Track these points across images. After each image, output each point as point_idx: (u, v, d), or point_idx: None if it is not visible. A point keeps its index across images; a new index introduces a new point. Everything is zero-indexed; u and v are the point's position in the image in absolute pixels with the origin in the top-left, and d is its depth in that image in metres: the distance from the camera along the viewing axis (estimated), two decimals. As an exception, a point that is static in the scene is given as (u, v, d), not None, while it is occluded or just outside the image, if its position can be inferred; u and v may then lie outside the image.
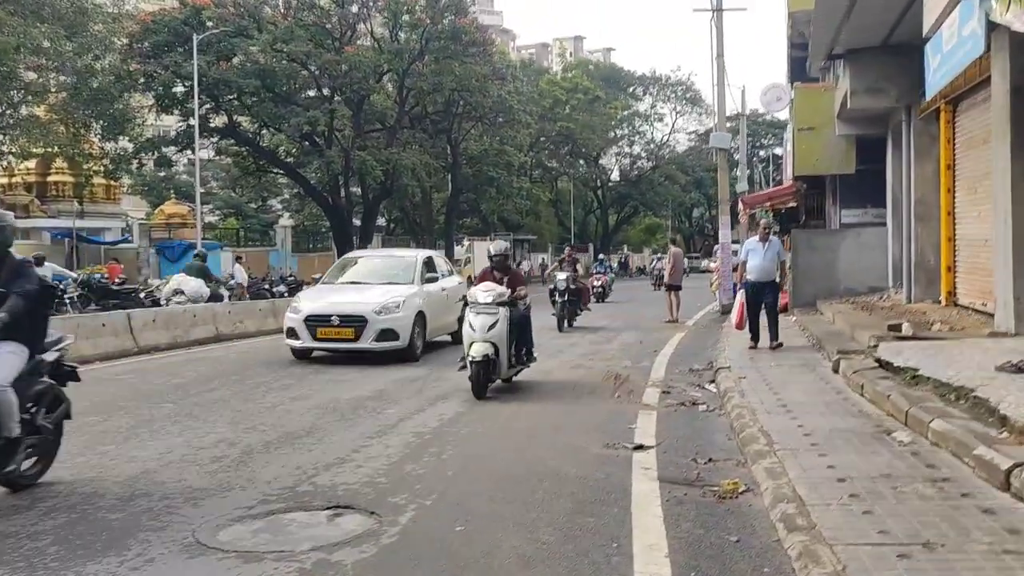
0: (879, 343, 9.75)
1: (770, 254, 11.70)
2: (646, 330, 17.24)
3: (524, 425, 7.83)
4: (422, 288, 13.28)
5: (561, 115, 56.60)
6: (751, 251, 11.88)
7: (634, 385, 10.02)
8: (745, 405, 7.78)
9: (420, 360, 12.40)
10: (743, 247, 12.68)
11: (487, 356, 9.08)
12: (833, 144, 18.59)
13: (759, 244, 11.82)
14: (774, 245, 11.85)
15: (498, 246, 10.52)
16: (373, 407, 8.72)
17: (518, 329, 9.69)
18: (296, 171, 36.23)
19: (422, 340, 12.81)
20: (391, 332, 12.18)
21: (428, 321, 13.05)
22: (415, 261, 13.94)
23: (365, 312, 12.12)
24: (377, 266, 14.45)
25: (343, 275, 14.28)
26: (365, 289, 13.11)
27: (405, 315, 12.42)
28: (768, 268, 11.69)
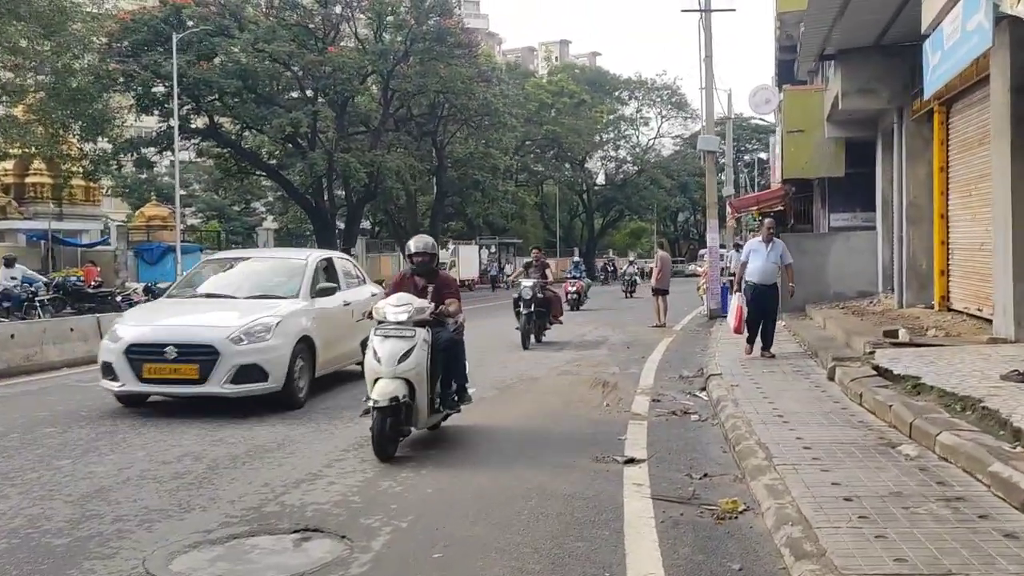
0: (875, 350, 9.46)
1: (773, 256, 11.16)
2: (632, 336, 16.88)
3: (510, 436, 7.45)
4: (312, 303, 9.53)
5: (547, 118, 56.35)
6: (753, 252, 11.32)
7: (623, 393, 9.66)
8: (740, 415, 7.43)
9: (305, 406, 8.82)
10: (744, 248, 12.09)
11: (397, 400, 6.39)
12: (822, 147, 18.35)
13: (762, 245, 11.29)
14: (778, 247, 11.27)
15: (420, 242, 7.42)
16: (351, 416, 8.29)
17: (445, 358, 7.07)
18: (279, 173, 35.76)
19: (308, 377, 9.14)
20: (255, 369, 8.39)
21: (320, 349, 9.34)
22: (305, 265, 10.01)
23: (215, 340, 8.31)
24: (250, 273, 10.50)
25: (200, 285, 10.22)
26: (225, 306, 9.32)
27: (279, 343, 8.59)
28: (771, 271, 11.17)
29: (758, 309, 11.15)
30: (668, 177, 68.42)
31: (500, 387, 10.18)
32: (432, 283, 7.32)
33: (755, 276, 11.11)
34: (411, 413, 6.66)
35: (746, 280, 11.24)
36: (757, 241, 11.58)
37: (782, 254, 11.24)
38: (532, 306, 14.63)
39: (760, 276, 11.10)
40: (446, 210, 52.19)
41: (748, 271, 11.22)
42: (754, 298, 11.11)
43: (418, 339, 6.66)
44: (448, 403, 7.29)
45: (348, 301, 10.34)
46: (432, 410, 6.98)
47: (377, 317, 6.86)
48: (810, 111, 18.30)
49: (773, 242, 11.27)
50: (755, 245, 11.47)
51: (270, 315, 8.83)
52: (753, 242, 11.76)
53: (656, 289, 19.35)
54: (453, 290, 7.44)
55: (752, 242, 11.87)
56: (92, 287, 24.00)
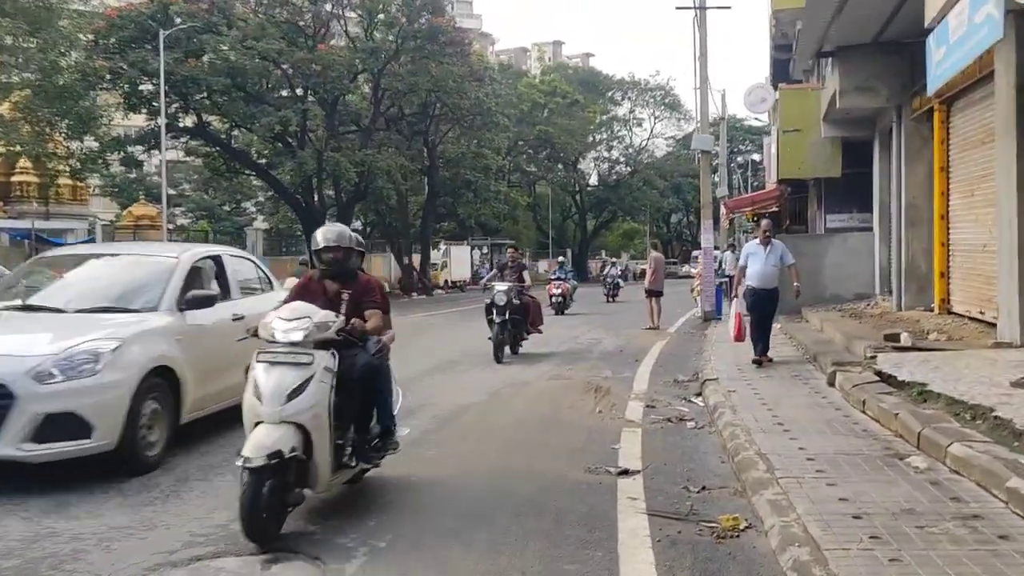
0: (877, 354, 9.16)
1: (772, 258, 10.65)
2: (625, 339, 16.58)
3: (497, 445, 7.12)
4: (181, 318, 6.87)
5: (539, 119, 56.10)
6: (751, 255, 10.79)
7: (616, 398, 9.35)
8: (738, 423, 7.12)
9: (161, 466, 6.24)
10: (743, 251, 11.48)
11: (281, 455, 4.54)
12: (819, 147, 18.08)
13: (760, 248, 10.77)
14: (776, 248, 10.75)
15: (330, 233, 5.54)
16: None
17: (363, 391, 5.25)
18: (268, 172, 35.34)
19: (167, 425, 6.47)
20: (71, 419, 5.72)
21: (190, 383, 6.72)
22: (174, 266, 7.31)
23: (8, 376, 5.66)
24: (96, 276, 7.70)
25: (24, 291, 7.51)
26: (41, 323, 6.64)
27: (113, 379, 5.94)
28: (771, 274, 10.64)
29: (761, 314, 10.71)
30: (661, 178, 68.23)
31: (489, 392, 9.86)
32: (348, 289, 5.49)
33: (755, 280, 10.63)
34: (306, 472, 4.79)
35: (745, 285, 10.77)
36: (755, 243, 11.03)
37: (782, 255, 10.74)
38: (507, 313, 12.94)
39: (760, 280, 10.61)
40: (438, 210, 51.80)
41: (747, 275, 10.74)
42: (755, 303, 10.63)
43: (317, 367, 4.81)
44: (363, 455, 5.31)
45: (240, 315, 7.41)
46: (339, 464, 5.07)
47: (263, 335, 4.98)
48: (806, 110, 18.02)
49: (771, 244, 10.77)
50: (753, 248, 10.97)
51: (105, 337, 6.12)
52: (751, 244, 11.25)
53: (649, 291, 19.04)
54: (377, 298, 5.55)
55: (750, 244, 11.33)
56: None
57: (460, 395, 9.61)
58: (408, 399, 8.08)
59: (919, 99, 13.29)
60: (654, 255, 19.82)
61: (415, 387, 10.11)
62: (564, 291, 23.47)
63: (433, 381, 10.79)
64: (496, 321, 12.99)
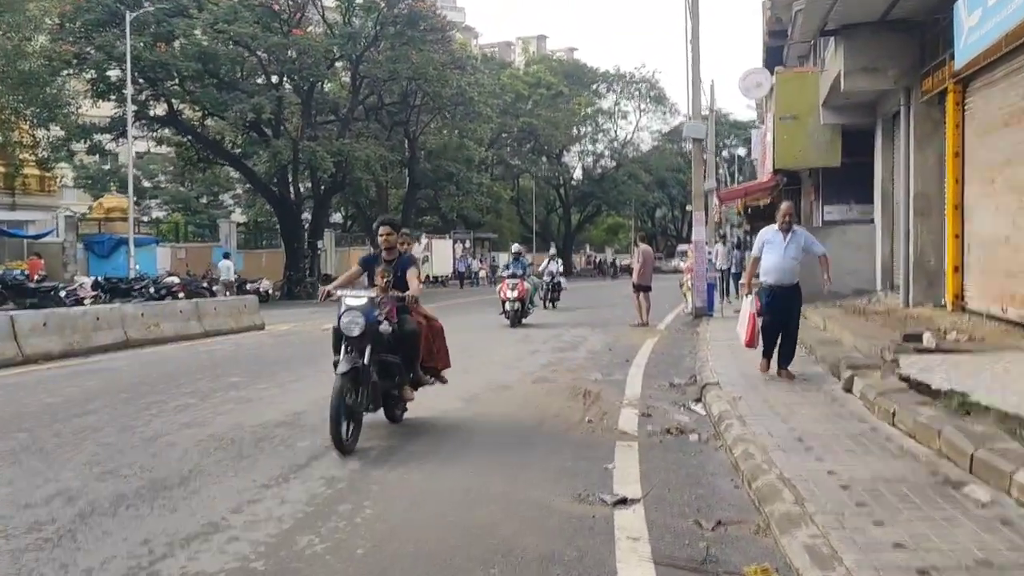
0: (898, 356, 8.21)
1: (793, 249, 8.82)
2: (613, 337, 15.60)
3: (472, 466, 6.10)
4: None
5: (523, 110, 55.05)
6: (767, 244, 8.93)
7: (607, 405, 8.36)
8: (750, 438, 6.14)
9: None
10: (757, 239, 9.37)
11: None
12: (817, 135, 17.16)
13: (778, 235, 8.90)
14: (799, 237, 8.90)
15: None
16: (284, 437, 6.93)
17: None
18: (241, 162, 34.10)
19: None
20: None
21: None
22: None
23: None
24: None
25: None
26: None
27: None
28: (791, 267, 8.86)
29: (776, 316, 8.92)
30: (646, 172, 67.32)
31: (465, 398, 8.84)
32: None
33: (771, 275, 8.88)
34: None
35: (760, 281, 9.03)
36: (772, 231, 9.04)
37: (807, 244, 8.95)
38: (366, 352, 6.58)
39: (778, 275, 8.85)
40: (419, 203, 50.69)
41: (762, 269, 8.97)
42: (771, 303, 8.89)
43: None
44: None
45: None
46: None
47: None
48: (804, 96, 17.09)
49: (792, 231, 8.86)
50: (769, 235, 9.02)
51: None
52: (767, 232, 9.18)
53: (638, 286, 18.08)
54: None
55: (766, 232, 9.21)
56: (36, 281, 22.41)
57: (432, 400, 8.57)
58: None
59: (930, 80, 12.38)
60: (642, 248, 18.85)
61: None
62: (521, 294, 17.58)
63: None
64: (342, 368, 6.45)
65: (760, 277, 9.01)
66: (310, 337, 15.93)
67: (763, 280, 8.96)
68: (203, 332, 15.28)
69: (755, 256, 9.17)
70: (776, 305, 8.89)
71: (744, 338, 9.15)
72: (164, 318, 14.61)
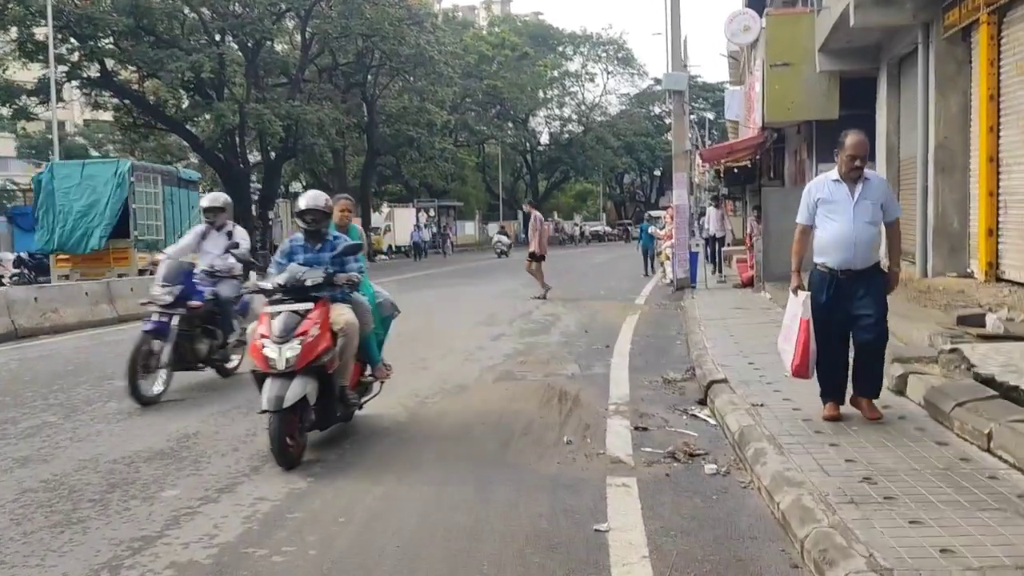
0: (957, 346, 6.44)
1: (867, 210, 5.39)
2: (589, 315, 13.80)
3: (394, 538, 4.24)
4: None
5: (487, 72, 52.76)
6: (824, 204, 5.50)
7: (589, 412, 6.56)
8: (798, 479, 4.34)
9: None
10: (808, 192, 5.73)
11: None
12: (812, 84, 15.31)
13: (841, 188, 5.46)
14: (875, 188, 5.49)
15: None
16: (148, 482, 5.02)
17: None
18: (183, 127, 31.64)
19: None
20: None
21: None
22: None
23: None
24: None
25: None
26: None
27: None
28: (868, 240, 5.43)
29: (841, 321, 5.49)
30: (615, 136, 65.44)
31: (409, 404, 6.97)
32: None
33: (833, 253, 5.44)
34: None
35: (816, 265, 5.58)
36: (831, 181, 5.56)
37: (886, 203, 5.52)
38: None
39: (845, 251, 5.38)
40: (382, 171, 48.40)
41: (819, 244, 5.54)
42: (836, 299, 5.46)
43: None
44: None
45: None
46: None
47: None
48: (798, 40, 15.23)
49: (865, 180, 5.44)
50: (827, 190, 5.53)
51: None
52: (820, 185, 5.64)
53: (534, 254, 16.59)
54: None
55: (819, 186, 5.65)
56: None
57: (366, 411, 6.69)
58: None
59: (956, 11, 10.58)
60: (534, 215, 17.08)
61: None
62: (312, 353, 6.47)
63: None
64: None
65: (816, 260, 5.58)
66: (243, 320, 13.95)
67: (822, 263, 5.53)
68: (116, 317, 13.19)
69: (803, 224, 5.64)
70: (841, 303, 5.45)
71: (792, 361, 5.58)
72: (65, 302, 12.48)
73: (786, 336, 5.69)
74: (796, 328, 5.52)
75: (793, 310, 5.64)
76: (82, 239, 16.78)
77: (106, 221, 16.90)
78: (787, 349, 5.66)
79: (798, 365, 5.55)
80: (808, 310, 5.48)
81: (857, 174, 5.42)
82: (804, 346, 5.48)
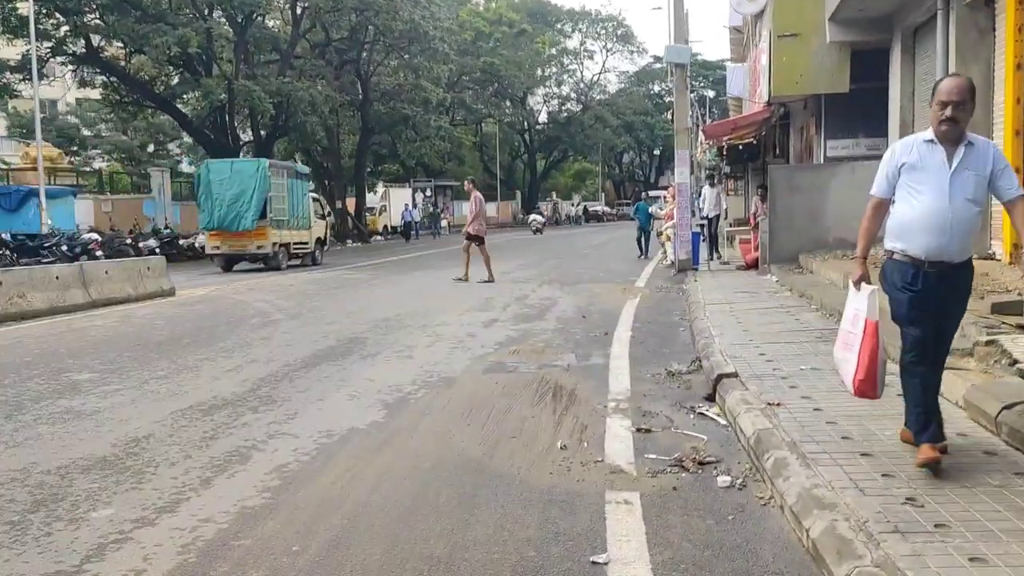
0: (995, 337, 5.82)
1: (970, 181, 4.07)
2: (587, 298, 13.17)
3: (371, 565, 3.63)
4: None
5: (484, 50, 51.80)
6: (911, 172, 4.16)
7: (587, 410, 5.94)
8: (829, 500, 3.71)
9: None
10: (889, 157, 4.29)
11: None
12: (822, 55, 14.65)
13: (935, 152, 4.11)
14: (980, 154, 4.09)
15: None
16: (79, 499, 4.40)
17: None
18: (171, 104, 30.83)
19: None
20: None
21: None
22: None
23: None
24: None
25: None
26: None
27: None
28: (967, 223, 4.08)
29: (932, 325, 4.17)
30: (614, 115, 64.56)
31: (389, 402, 6.35)
32: None
33: (922, 237, 4.11)
34: None
35: (892, 253, 4.28)
36: (922, 141, 4.17)
37: (996, 173, 4.09)
38: None
39: (936, 235, 4.07)
40: (378, 150, 47.54)
41: (898, 225, 4.24)
42: (924, 296, 4.13)
43: None
44: None
45: None
46: None
47: None
48: (806, 10, 14.55)
49: (969, 145, 4.10)
50: (916, 153, 4.17)
51: None
52: (912, 143, 4.23)
53: (472, 235, 16.04)
54: None
55: (910, 144, 4.24)
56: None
57: (340, 409, 6.11)
58: (249, 428, 4.61)
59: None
60: (474, 194, 16.38)
61: (281, 390, 6.65)
62: None
63: (312, 378, 7.24)
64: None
65: (894, 246, 4.23)
66: (224, 305, 13.30)
67: (895, 247, 4.23)
68: (89, 302, 12.55)
69: (878, 197, 4.33)
70: (930, 304, 4.13)
71: (853, 375, 4.32)
72: (33, 286, 11.80)
73: (846, 343, 4.43)
74: (859, 332, 4.27)
75: (855, 308, 4.38)
76: (235, 220, 21.12)
77: (254, 206, 21.18)
78: (847, 359, 4.38)
79: (862, 380, 4.26)
80: (875, 308, 4.23)
81: (952, 133, 4.02)
82: (871, 355, 4.22)
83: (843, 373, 4.50)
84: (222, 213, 21.14)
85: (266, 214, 21.39)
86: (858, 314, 4.34)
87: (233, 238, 21.30)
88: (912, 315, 4.14)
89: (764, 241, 14.96)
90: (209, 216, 21.37)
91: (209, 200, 21.32)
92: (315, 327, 10.40)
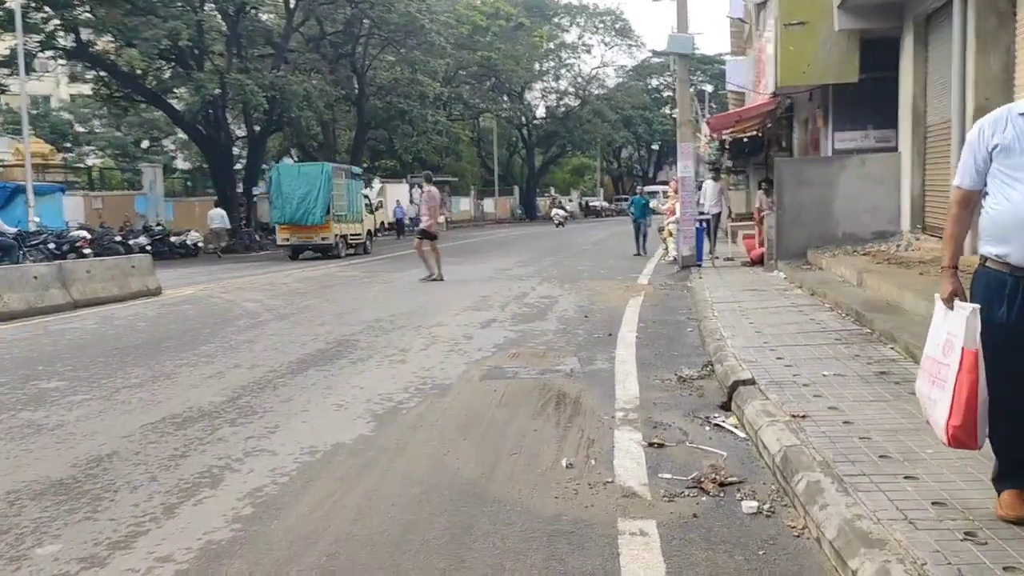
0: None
1: None
2: (589, 297, 12.69)
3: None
4: None
5: (481, 44, 51.20)
6: (1010, 156, 3.21)
7: (593, 422, 5.47)
8: (878, 537, 3.24)
9: None
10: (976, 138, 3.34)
11: None
12: (830, 44, 14.10)
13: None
14: None
15: None
16: (25, 529, 3.92)
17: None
18: (162, 99, 30.27)
19: None
20: None
21: None
22: None
23: None
24: None
25: None
26: None
27: None
28: None
29: None
30: (612, 110, 63.97)
31: (378, 412, 5.87)
32: None
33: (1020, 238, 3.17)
34: None
35: (987, 259, 3.32)
36: (1016, 115, 3.24)
37: None
38: None
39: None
40: (374, 145, 47.01)
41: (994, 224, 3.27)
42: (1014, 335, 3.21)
43: None
44: None
45: None
46: None
47: None
48: (815, -3, 14.00)
49: None
50: (1011, 131, 3.22)
51: None
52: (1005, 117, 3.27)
53: (425, 232, 15.53)
54: None
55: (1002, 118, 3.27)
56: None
57: (325, 421, 5.63)
58: (224, 444, 4.11)
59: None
60: (427, 189, 15.86)
61: (263, 399, 6.16)
62: None
63: (298, 386, 6.76)
64: None
65: (981, 246, 3.38)
66: (210, 306, 12.79)
67: (988, 253, 3.32)
68: (71, 302, 12.05)
69: (965, 189, 3.40)
70: None
71: (946, 420, 3.33)
72: (10, 287, 11.26)
73: (935, 376, 3.43)
74: (954, 364, 3.29)
75: (946, 333, 3.37)
76: (304, 215, 23.78)
77: (321, 204, 23.76)
78: (938, 399, 3.39)
79: (958, 427, 3.28)
80: (975, 335, 3.21)
81: None
82: (970, 395, 3.22)
83: (931, 416, 3.49)
84: (292, 209, 23.72)
85: (329, 210, 23.86)
86: (951, 341, 3.33)
87: (301, 231, 24.00)
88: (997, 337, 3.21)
89: (770, 236, 14.48)
90: (280, 212, 24.05)
91: (280, 198, 23.95)
92: (304, 328, 9.92)
